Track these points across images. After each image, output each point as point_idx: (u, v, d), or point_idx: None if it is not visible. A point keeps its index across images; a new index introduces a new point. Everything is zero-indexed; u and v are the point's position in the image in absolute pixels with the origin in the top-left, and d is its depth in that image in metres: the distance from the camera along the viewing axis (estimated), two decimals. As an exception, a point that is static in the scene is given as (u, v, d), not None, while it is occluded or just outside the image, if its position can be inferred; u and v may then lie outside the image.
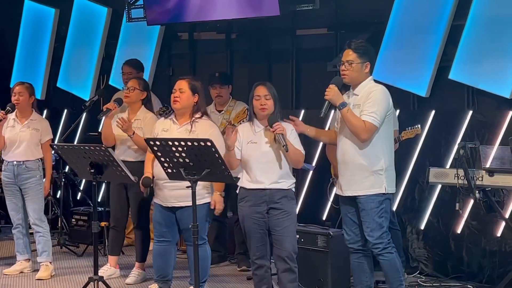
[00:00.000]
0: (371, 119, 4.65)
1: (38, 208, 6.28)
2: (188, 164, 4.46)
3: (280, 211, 4.87)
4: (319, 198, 7.01)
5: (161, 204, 5.29)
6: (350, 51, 4.79)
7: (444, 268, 6.27)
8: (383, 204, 4.77)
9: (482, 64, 6.08)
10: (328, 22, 7.09)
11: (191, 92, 5.23)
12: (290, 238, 4.89)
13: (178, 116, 5.29)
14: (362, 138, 4.68)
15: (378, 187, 4.74)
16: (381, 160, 4.75)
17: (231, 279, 6.25)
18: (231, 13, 6.88)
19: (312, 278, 5.69)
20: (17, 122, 6.29)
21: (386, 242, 4.76)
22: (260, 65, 7.71)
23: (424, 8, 6.44)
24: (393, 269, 4.79)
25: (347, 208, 4.91)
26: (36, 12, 9.02)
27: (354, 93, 4.82)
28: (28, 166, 6.23)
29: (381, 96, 4.73)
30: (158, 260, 5.41)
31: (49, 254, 6.31)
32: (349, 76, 4.78)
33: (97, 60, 8.54)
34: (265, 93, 4.92)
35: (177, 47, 8.24)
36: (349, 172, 4.80)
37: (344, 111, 4.69)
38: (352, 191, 4.80)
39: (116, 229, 6.20)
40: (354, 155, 4.76)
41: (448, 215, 6.25)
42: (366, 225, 4.76)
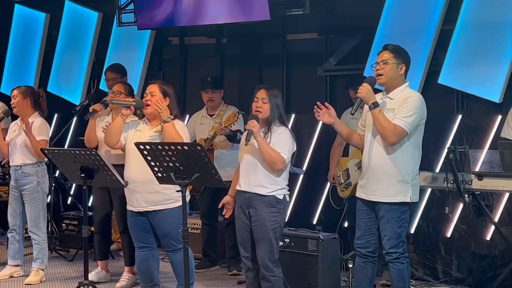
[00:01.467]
0: (403, 124, 4.57)
1: (35, 216, 6.20)
2: (178, 168, 4.46)
3: (256, 217, 4.84)
4: (309, 202, 7.03)
5: (133, 209, 5.21)
6: (386, 51, 4.73)
7: (434, 272, 6.29)
8: (405, 214, 4.70)
9: (471, 68, 6.11)
10: (318, 26, 7.11)
11: (162, 95, 5.21)
12: (264, 247, 4.82)
13: (150, 119, 5.26)
14: (389, 141, 4.60)
15: (403, 195, 4.66)
16: (409, 168, 4.68)
17: (222, 283, 6.26)
18: (222, 18, 6.89)
19: (302, 282, 5.69)
20: (18, 126, 6.27)
21: (401, 252, 4.71)
22: (251, 69, 7.73)
23: (414, 13, 6.47)
24: (400, 279, 4.75)
25: (365, 213, 4.82)
26: (27, 17, 9.00)
27: (389, 97, 4.74)
28: (24, 171, 6.17)
29: (418, 104, 4.65)
30: (142, 267, 5.35)
31: (42, 262, 6.26)
32: (385, 76, 4.68)
33: (88, 65, 8.53)
34: (263, 96, 4.91)
35: (168, 51, 8.25)
36: (375, 177, 4.71)
37: (376, 111, 4.60)
38: (377, 196, 4.71)
39: (101, 234, 6.17)
40: (384, 161, 4.67)
41: (437, 219, 6.27)
42: (384, 233, 4.71)
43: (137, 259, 5.36)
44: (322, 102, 6.75)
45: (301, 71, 7.33)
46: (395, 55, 4.72)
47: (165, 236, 5.14)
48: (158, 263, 5.43)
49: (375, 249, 4.85)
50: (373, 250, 4.85)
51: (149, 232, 5.24)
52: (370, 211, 4.80)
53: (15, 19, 9.07)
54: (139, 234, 5.26)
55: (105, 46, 8.41)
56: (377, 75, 4.73)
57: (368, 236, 4.83)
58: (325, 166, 6.83)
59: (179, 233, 4.59)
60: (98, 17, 8.45)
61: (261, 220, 4.82)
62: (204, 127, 6.66)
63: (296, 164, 6.19)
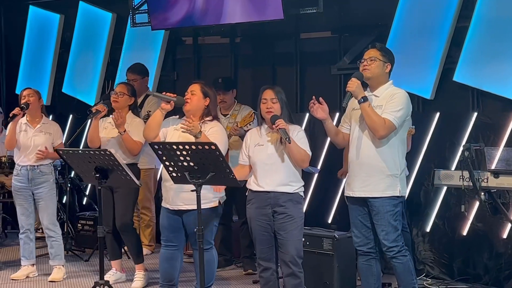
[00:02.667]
0: (392, 118, 4.65)
1: (51, 213, 6.30)
2: (192, 167, 4.46)
3: (284, 215, 4.85)
4: (324, 201, 7.01)
5: (168, 207, 5.27)
6: (374, 49, 4.83)
7: (450, 271, 6.26)
8: (398, 207, 4.76)
9: (486, 65, 6.07)
10: (332, 25, 7.09)
11: (202, 95, 5.25)
12: (294, 243, 4.86)
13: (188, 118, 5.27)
14: (379, 134, 4.66)
15: (393, 189, 4.73)
16: (397, 163, 4.76)
17: (237, 282, 6.25)
18: (236, 17, 6.88)
19: (317, 281, 5.68)
20: (29, 126, 6.30)
21: (401, 245, 4.75)
22: (264, 68, 7.71)
23: (428, 10, 6.43)
24: (406, 272, 4.77)
25: (358, 209, 4.87)
26: (41, 18, 9.04)
27: (374, 94, 4.81)
28: (42, 171, 6.24)
29: (404, 100, 4.74)
30: (165, 265, 5.38)
31: (61, 258, 6.36)
32: (371, 72, 4.77)
33: (102, 66, 8.55)
34: (272, 96, 4.92)
35: (182, 51, 8.25)
36: (364, 173, 4.76)
37: (365, 105, 4.66)
38: (366, 192, 4.76)
39: (112, 233, 6.16)
40: (373, 156, 4.74)
41: (453, 217, 6.23)
42: (381, 229, 4.74)
43: (162, 257, 5.36)
44: (337, 100, 6.86)
45: (314, 70, 7.31)
46: (382, 53, 4.82)
47: (193, 235, 5.11)
48: (181, 265, 5.45)
49: (374, 244, 4.89)
50: (373, 246, 4.89)
51: (179, 231, 5.26)
52: (362, 207, 4.85)
53: (30, 21, 9.11)
54: (170, 233, 5.27)
55: (119, 47, 8.43)
56: (363, 70, 4.81)
57: (365, 232, 4.88)
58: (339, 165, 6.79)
59: (208, 233, 4.63)
60: (112, 17, 8.47)
61: (292, 217, 4.85)
62: (218, 127, 6.65)
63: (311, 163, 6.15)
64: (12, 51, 9.31)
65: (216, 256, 5.41)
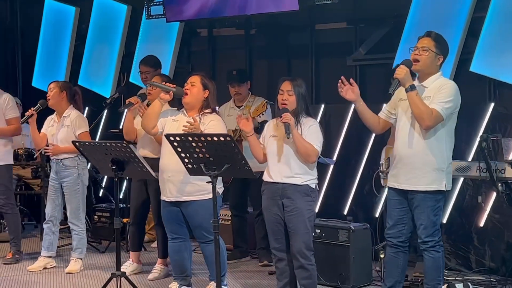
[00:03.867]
0: (439, 108, 4.52)
1: (75, 207, 6.29)
2: (208, 159, 4.46)
3: (291, 207, 4.82)
4: (340, 192, 6.99)
5: (166, 199, 5.25)
6: (428, 38, 4.67)
7: (467, 262, 6.23)
8: (440, 202, 4.67)
9: (503, 56, 6.01)
10: (347, 16, 7.06)
11: (202, 87, 5.23)
12: (302, 236, 4.81)
13: (188, 109, 5.27)
14: (425, 124, 4.54)
15: (438, 184, 4.62)
16: (444, 156, 4.66)
17: (253, 274, 6.25)
18: (251, 9, 6.87)
19: (333, 272, 5.67)
20: (55, 121, 6.33)
21: (436, 241, 4.68)
22: (279, 60, 7.69)
23: (444, 0, 6.39)
24: (435, 268, 4.70)
25: (397, 202, 4.78)
26: (57, 11, 9.07)
27: (423, 85, 4.67)
28: (65, 164, 6.25)
29: (454, 92, 4.62)
30: (174, 257, 5.40)
31: (82, 252, 6.37)
32: (422, 63, 4.62)
33: (118, 58, 8.57)
34: (289, 88, 4.86)
35: (197, 43, 8.25)
36: (410, 166, 4.65)
37: (413, 94, 4.53)
38: (411, 185, 4.66)
39: (136, 225, 6.21)
40: (420, 148, 4.62)
41: (470, 209, 6.20)
42: (419, 222, 4.66)
43: (170, 250, 5.39)
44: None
45: (330, 61, 7.28)
46: (437, 44, 4.65)
47: (197, 227, 5.15)
48: (190, 255, 5.46)
49: (406, 239, 4.81)
50: (404, 240, 4.81)
51: (181, 223, 5.26)
52: (403, 200, 4.75)
53: (46, 14, 9.15)
54: (172, 225, 5.29)
55: (135, 39, 8.44)
56: (414, 60, 4.65)
57: (400, 226, 4.79)
58: (355, 156, 6.79)
59: (211, 224, 4.59)
60: (127, 10, 8.48)
61: (298, 209, 4.80)
62: (232, 118, 6.63)
63: (326, 154, 6.14)
64: (29, 44, 9.35)
65: (224, 245, 5.40)
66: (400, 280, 4.91)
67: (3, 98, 6.58)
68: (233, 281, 5.83)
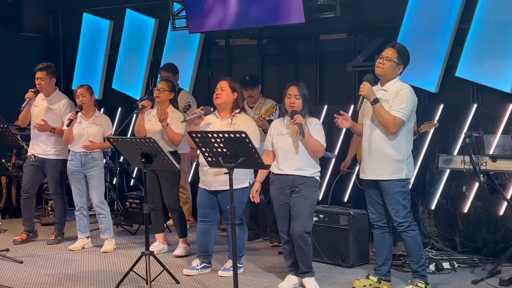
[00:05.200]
0: (401, 115, 4.62)
1: (100, 193, 6.37)
2: (225, 153, 4.47)
3: (298, 194, 4.86)
4: (340, 182, 6.97)
5: (205, 188, 5.32)
6: (392, 49, 4.74)
7: (453, 244, 6.21)
8: (405, 187, 4.75)
9: (485, 62, 6.00)
10: (348, 27, 7.04)
11: (230, 90, 5.27)
12: (302, 219, 4.84)
13: (220, 111, 5.32)
14: (391, 131, 4.65)
15: (399, 173, 4.71)
16: (404, 150, 4.72)
17: (264, 253, 6.26)
18: (263, 21, 6.87)
19: (335, 252, 5.68)
20: (83, 119, 6.37)
21: (410, 221, 4.75)
22: (287, 67, 7.68)
23: (433, 14, 6.37)
24: (415, 244, 4.77)
25: (371, 190, 4.88)
26: (94, 24, 9.09)
27: (383, 89, 4.76)
28: (93, 156, 6.31)
29: (410, 95, 4.69)
30: (201, 238, 5.45)
31: (110, 232, 6.42)
32: (383, 70, 4.72)
33: (146, 65, 8.58)
34: (296, 93, 4.90)
35: (215, 52, 8.25)
36: (374, 159, 4.76)
37: (377, 107, 4.63)
38: (376, 175, 4.76)
39: (155, 209, 6.19)
40: (382, 144, 4.71)
41: (456, 197, 6.18)
42: (391, 207, 4.73)
43: (198, 231, 5.44)
44: (351, 94, 6.84)
45: (332, 67, 7.26)
46: (399, 56, 4.74)
47: (227, 211, 5.16)
48: (215, 237, 5.51)
49: (388, 220, 4.88)
50: (386, 221, 4.89)
51: (215, 209, 5.34)
52: (374, 188, 4.84)
53: (84, 26, 9.16)
54: (206, 210, 5.36)
55: (161, 48, 8.45)
56: (377, 67, 4.75)
57: (379, 209, 4.88)
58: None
59: (239, 210, 4.67)
60: (155, 23, 8.48)
61: (304, 197, 4.84)
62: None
63: (328, 149, 6.13)
64: (69, 52, 9.38)
65: (246, 231, 5.44)
66: (389, 258, 4.98)
67: (62, 103, 6.64)
68: (246, 260, 5.84)
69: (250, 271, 5.55)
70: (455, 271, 5.51)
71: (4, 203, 7.94)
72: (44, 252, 6.29)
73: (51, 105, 6.60)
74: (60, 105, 6.62)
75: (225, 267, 5.45)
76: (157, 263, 5.16)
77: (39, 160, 6.57)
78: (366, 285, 4.96)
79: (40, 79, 6.56)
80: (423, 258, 4.83)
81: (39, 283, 5.20)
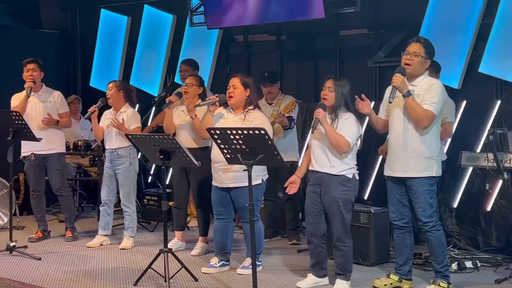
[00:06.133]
0: (433, 109, 4.54)
1: (127, 192, 6.35)
2: (244, 150, 4.45)
3: (327, 195, 4.79)
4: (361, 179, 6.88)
5: (217, 185, 5.30)
6: (419, 44, 4.66)
7: (475, 243, 6.15)
8: (434, 186, 4.68)
9: (509, 58, 5.95)
10: (368, 23, 7.00)
11: (243, 87, 5.23)
12: (336, 222, 4.79)
13: (234, 109, 5.29)
14: (423, 125, 4.57)
15: (429, 170, 4.63)
16: (434, 146, 4.65)
17: (283, 251, 6.24)
18: (282, 17, 6.84)
19: (355, 250, 5.58)
20: (111, 114, 6.36)
21: (435, 221, 4.68)
22: (307, 63, 7.65)
23: (456, 8, 6.32)
24: (439, 244, 4.71)
25: (396, 188, 4.79)
26: (111, 20, 9.12)
27: (412, 84, 4.67)
28: (119, 153, 6.29)
29: (441, 90, 4.62)
30: (217, 236, 5.45)
31: (133, 231, 6.43)
32: (413, 67, 4.63)
33: (164, 61, 8.60)
34: (330, 85, 4.83)
35: (234, 48, 8.24)
36: (404, 155, 4.67)
37: (410, 99, 4.55)
38: (405, 172, 4.67)
39: (179, 208, 6.21)
40: (412, 140, 4.63)
41: (478, 195, 6.13)
42: (418, 206, 4.66)
43: (215, 229, 5.43)
44: (372, 90, 6.80)
45: (352, 63, 7.23)
46: (426, 50, 4.66)
47: (241, 209, 5.20)
48: (232, 234, 5.50)
49: (409, 220, 4.83)
50: (407, 221, 4.82)
51: (228, 205, 5.32)
52: (400, 186, 4.76)
53: (101, 22, 9.20)
54: (220, 207, 5.34)
55: (179, 45, 8.46)
56: (405, 64, 4.66)
57: (401, 209, 4.81)
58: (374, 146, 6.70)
59: (257, 207, 4.67)
60: (172, 19, 8.49)
61: (333, 198, 4.78)
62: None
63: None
64: (87, 49, 9.42)
65: (262, 227, 5.42)
66: (410, 257, 4.93)
67: (56, 95, 6.61)
68: (265, 258, 5.83)
69: (268, 269, 5.53)
70: (477, 270, 5.45)
71: (22, 200, 7.99)
72: (62, 249, 6.32)
73: (44, 100, 6.53)
74: (54, 97, 6.59)
75: (243, 265, 5.44)
76: (175, 261, 5.15)
77: (40, 158, 6.53)
78: (387, 284, 4.91)
79: (32, 70, 6.43)
80: (446, 258, 4.77)
81: (57, 280, 5.22)
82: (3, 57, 8.29)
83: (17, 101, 6.46)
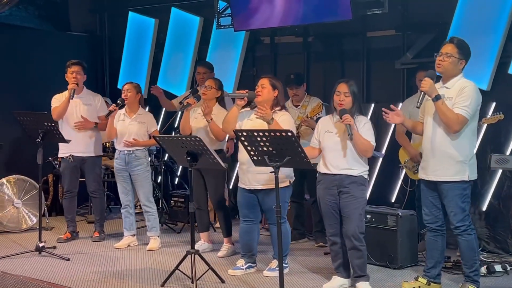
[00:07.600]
0: (464, 113, 4.49)
1: (147, 191, 6.42)
2: (271, 152, 4.47)
3: (348, 195, 4.81)
4: (388, 182, 6.91)
5: (245, 187, 5.33)
6: (452, 44, 4.61)
7: (505, 246, 6.08)
8: (466, 190, 4.62)
9: (540, 59, 5.85)
10: (396, 24, 6.96)
11: (271, 87, 5.26)
12: (356, 220, 4.80)
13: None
14: (454, 129, 4.52)
15: (461, 174, 4.59)
16: (466, 150, 4.60)
17: (310, 253, 6.24)
18: (309, 19, 6.84)
19: (383, 254, 5.62)
20: (126, 116, 6.43)
21: (467, 225, 4.63)
22: (333, 64, 7.64)
23: (485, 9, 6.25)
24: (470, 249, 4.67)
25: (429, 191, 4.76)
26: (139, 23, 9.20)
27: (446, 86, 4.64)
28: (137, 155, 6.36)
29: (474, 92, 4.55)
30: (244, 237, 5.47)
31: (157, 230, 6.48)
32: (444, 67, 4.59)
33: (191, 63, 8.65)
34: (345, 90, 4.84)
35: (260, 50, 8.26)
36: (435, 159, 4.64)
37: (439, 103, 4.52)
38: (437, 176, 4.64)
39: (200, 209, 6.23)
40: (444, 144, 4.60)
41: (508, 198, 6.06)
42: (450, 210, 4.63)
43: (241, 231, 5.46)
44: (400, 92, 6.76)
45: (380, 65, 7.20)
46: (459, 50, 4.60)
47: (269, 211, 5.22)
48: (258, 236, 5.51)
49: (442, 223, 4.78)
50: (441, 224, 4.78)
51: (255, 208, 5.34)
52: (433, 189, 4.73)
53: (129, 25, 9.29)
54: (246, 209, 5.37)
55: (206, 47, 8.50)
56: (438, 65, 4.62)
57: (435, 212, 4.77)
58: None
59: (284, 209, 4.68)
60: (199, 21, 8.54)
61: (353, 197, 4.80)
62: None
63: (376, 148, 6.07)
64: (115, 51, 9.52)
65: (289, 229, 5.43)
66: (440, 261, 4.88)
67: (98, 98, 6.79)
68: (292, 260, 5.83)
69: (295, 272, 5.54)
70: (507, 274, 5.40)
71: (51, 201, 8.11)
72: (90, 250, 6.40)
73: (86, 102, 6.67)
74: (96, 100, 6.74)
75: (270, 267, 5.46)
76: (202, 262, 5.19)
77: (78, 159, 6.64)
78: (415, 287, 4.89)
79: (76, 73, 6.57)
80: (476, 263, 4.71)
81: (85, 281, 5.29)
82: (32, 59, 8.42)
83: (58, 102, 6.60)
